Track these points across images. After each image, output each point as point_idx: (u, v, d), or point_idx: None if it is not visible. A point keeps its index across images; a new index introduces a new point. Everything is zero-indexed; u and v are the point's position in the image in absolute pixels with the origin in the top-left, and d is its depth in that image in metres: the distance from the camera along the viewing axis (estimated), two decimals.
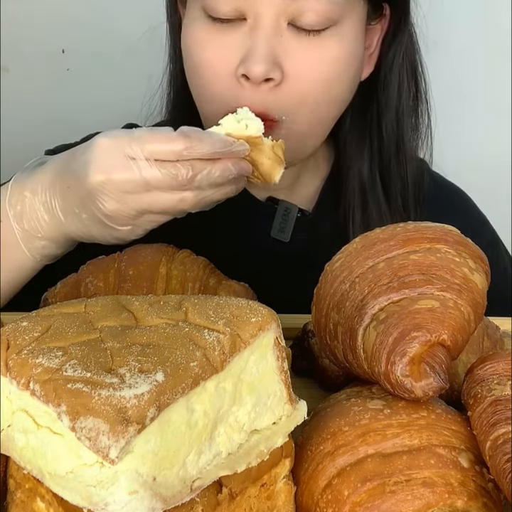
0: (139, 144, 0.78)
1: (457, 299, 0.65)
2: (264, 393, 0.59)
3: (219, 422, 0.57)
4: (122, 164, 0.78)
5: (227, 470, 0.57)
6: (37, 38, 1.52)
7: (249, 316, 0.59)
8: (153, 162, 0.77)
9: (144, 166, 0.77)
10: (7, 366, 0.56)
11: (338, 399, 0.66)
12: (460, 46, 1.57)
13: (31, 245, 0.86)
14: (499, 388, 0.61)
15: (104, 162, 0.79)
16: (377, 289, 0.66)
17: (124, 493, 0.51)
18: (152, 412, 0.51)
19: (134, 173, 0.78)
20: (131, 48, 1.44)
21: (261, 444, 0.59)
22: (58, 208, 0.84)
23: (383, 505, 0.58)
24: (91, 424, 0.51)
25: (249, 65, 0.90)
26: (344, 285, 0.69)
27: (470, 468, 0.60)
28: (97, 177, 0.79)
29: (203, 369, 0.55)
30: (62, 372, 0.54)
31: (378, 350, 0.63)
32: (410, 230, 0.70)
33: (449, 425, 0.62)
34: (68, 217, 0.83)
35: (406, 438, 0.60)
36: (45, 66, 1.54)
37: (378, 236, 0.70)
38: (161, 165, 0.77)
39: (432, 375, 0.62)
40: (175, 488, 0.54)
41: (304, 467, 0.62)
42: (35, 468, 0.55)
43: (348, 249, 0.71)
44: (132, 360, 0.54)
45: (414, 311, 0.64)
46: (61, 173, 0.85)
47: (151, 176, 0.77)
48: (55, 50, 1.54)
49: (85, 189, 0.80)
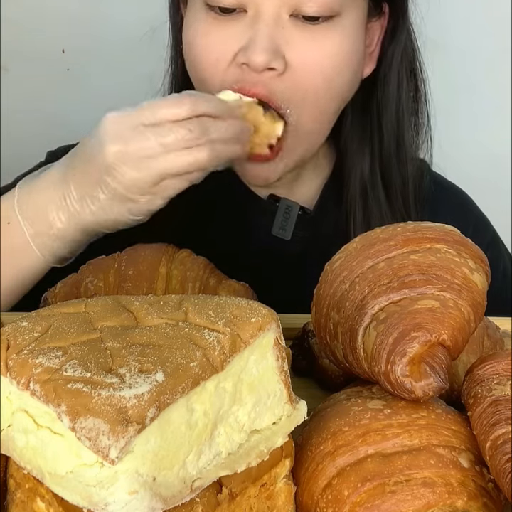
0: (150, 109, 0.82)
1: (457, 299, 0.65)
2: (264, 393, 0.59)
3: (219, 422, 0.57)
4: (135, 132, 0.82)
5: (227, 470, 0.57)
6: (37, 38, 1.52)
7: (249, 315, 0.59)
8: (166, 124, 0.81)
9: (158, 130, 0.81)
10: (7, 366, 0.56)
11: (338, 399, 0.66)
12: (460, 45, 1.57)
13: (43, 246, 0.88)
14: (499, 388, 0.61)
15: (117, 133, 0.82)
16: (377, 289, 0.66)
17: (124, 493, 0.51)
18: (152, 412, 0.51)
19: (149, 138, 0.81)
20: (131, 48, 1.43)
21: (261, 444, 0.59)
22: (73, 199, 0.85)
23: (383, 505, 0.58)
24: (91, 424, 0.51)
25: (250, 54, 0.91)
26: (344, 285, 0.69)
27: (470, 468, 0.60)
28: (113, 148, 0.82)
29: (203, 369, 0.55)
30: (62, 372, 0.54)
31: (378, 350, 0.63)
32: (410, 230, 0.70)
33: (449, 425, 0.62)
34: (84, 205, 0.85)
35: (406, 438, 0.60)
36: (45, 66, 1.54)
37: (378, 236, 0.70)
38: (173, 125, 0.81)
39: (432, 375, 0.62)
40: (175, 488, 0.54)
41: (304, 467, 0.62)
42: (35, 468, 0.55)
43: (348, 249, 0.71)
44: (132, 360, 0.54)
45: (414, 311, 0.64)
46: (71, 165, 0.87)
47: (165, 137, 0.81)
48: (55, 50, 1.54)
49: (103, 165, 0.82)
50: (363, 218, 1.07)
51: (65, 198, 0.86)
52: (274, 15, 0.91)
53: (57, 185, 0.86)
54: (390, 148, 1.07)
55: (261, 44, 0.91)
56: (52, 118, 1.53)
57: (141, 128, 0.82)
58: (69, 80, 1.56)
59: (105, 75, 1.54)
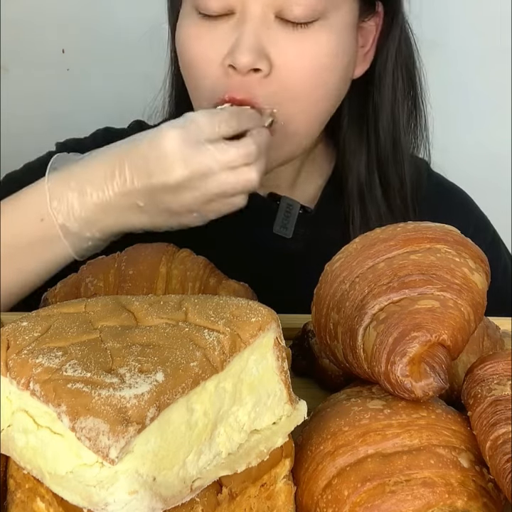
0: (208, 127, 0.85)
1: (457, 299, 0.65)
2: (264, 393, 0.59)
3: (219, 422, 0.57)
4: (199, 151, 0.84)
5: (227, 470, 0.57)
6: (37, 38, 1.52)
7: (249, 316, 0.59)
8: (224, 142, 0.85)
9: (219, 148, 0.84)
10: (7, 366, 0.56)
11: (338, 399, 0.66)
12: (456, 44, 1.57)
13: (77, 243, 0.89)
14: (499, 388, 0.61)
15: (183, 155, 0.84)
16: (377, 289, 0.66)
17: (124, 493, 0.51)
18: (152, 412, 0.51)
19: (213, 157, 0.84)
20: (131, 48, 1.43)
21: (261, 444, 0.59)
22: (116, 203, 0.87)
23: (383, 505, 0.58)
24: (91, 424, 0.51)
25: (236, 55, 0.92)
26: (344, 285, 0.69)
27: (470, 468, 0.60)
28: (180, 172, 0.84)
29: (203, 369, 0.55)
30: (62, 372, 0.54)
31: (378, 350, 0.63)
32: (410, 230, 0.70)
33: (449, 425, 0.62)
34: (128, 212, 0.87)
35: (406, 438, 0.60)
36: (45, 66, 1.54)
37: (378, 236, 0.70)
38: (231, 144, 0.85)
39: (432, 375, 0.62)
40: (175, 488, 0.54)
41: (304, 467, 0.62)
42: (35, 468, 0.55)
43: (348, 250, 0.71)
44: (132, 360, 0.54)
45: (414, 311, 0.64)
46: (120, 169, 0.87)
47: (225, 155, 0.84)
48: (55, 50, 1.54)
49: (169, 185, 0.85)
50: (361, 218, 1.08)
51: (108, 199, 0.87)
52: (260, 16, 0.92)
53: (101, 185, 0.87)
54: (386, 148, 1.07)
55: (246, 45, 0.91)
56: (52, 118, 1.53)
57: (203, 145, 0.84)
58: (69, 80, 1.56)
59: (105, 75, 1.54)
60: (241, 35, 0.92)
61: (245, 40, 0.91)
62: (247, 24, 0.92)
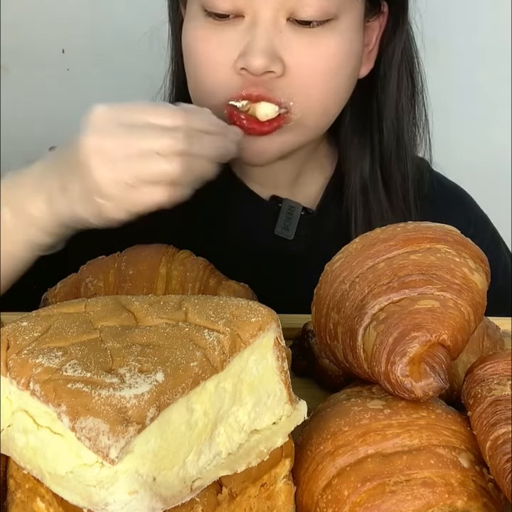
0: (141, 112, 0.80)
1: (457, 299, 0.65)
2: (264, 393, 0.59)
3: (219, 422, 0.57)
4: (119, 129, 0.79)
5: (227, 470, 0.57)
6: (37, 38, 1.52)
7: (249, 316, 0.59)
8: (153, 129, 0.79)
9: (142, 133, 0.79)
10: (7, 366, 0.56)
11: (338, 399, 0.66)
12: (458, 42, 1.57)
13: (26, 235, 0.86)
14: (499, 388, 0.61)
15: (100, 126, 0.80)
16: (377, 289, 0.66)
17: (124, 493, 0.51)
18: (152, 412, 0.51)
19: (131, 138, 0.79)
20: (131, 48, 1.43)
21: (261, 444, 0.59)
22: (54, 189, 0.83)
23: (383, 505, 0.58)
24: (91, 424, 0.51)
25: (249, 58, 0.91)
26: (344, 285, 0.69)
27: (470, 468, 0.60)
28: (92, 141, 0.79)
29: (203, 369, 0.55)
30: (62, 372, 0.54)
31: (378, 350, 0.63)
32: (410, 230, 0.70)
33: (449, 425, 0.62)
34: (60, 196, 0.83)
35: (406, 438, 0.60)
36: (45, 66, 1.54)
37: (378, 236, 0.70)
38: (159, 132, 0.79)
39: (432, 375, 0.62)
40: (175, 488, 0.54)
41: (304, 467, 0.62)
42: (35, 468, 0.55)
43: (348, 250, 0.71)
44: (132, 360, 0.54)
45: (414, 311, 0.64)
46: (57, 154, 0.85)
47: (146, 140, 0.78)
48: (55, 50, 1.54)
49: (79, 156, 0.80)
50: (363, 217, 1.08)
51: (47, 187, 0.83)
52: (272, 19, 0.92)
53: (44, 174, 0.84)
54: (389, 147, 1.08)
55: (259, 48, 0.91)
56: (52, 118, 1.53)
57: (125, 127, 0.80)
58: (69, 80, 1.56)
59: (105, 75, 1.54)
60: (253, 39, 0.92)
61: (258, 43, 0.91)
62: (258, 28, 0.92)
